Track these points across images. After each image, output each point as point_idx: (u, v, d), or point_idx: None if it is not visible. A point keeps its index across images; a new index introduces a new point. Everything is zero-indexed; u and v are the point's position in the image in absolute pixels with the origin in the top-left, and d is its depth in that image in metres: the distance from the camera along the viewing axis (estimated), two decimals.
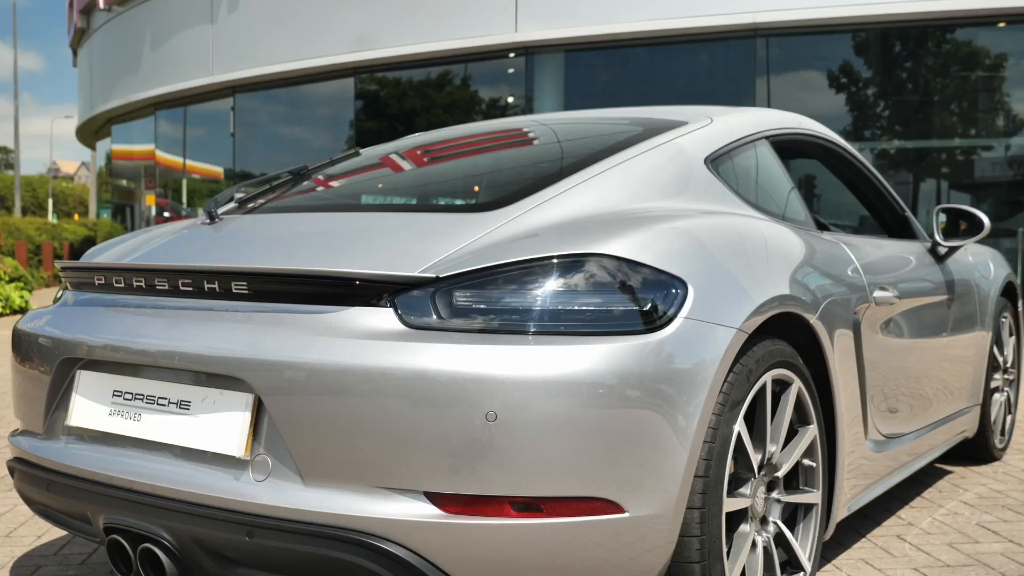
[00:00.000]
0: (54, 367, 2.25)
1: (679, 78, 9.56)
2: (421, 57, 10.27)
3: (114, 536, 2.05)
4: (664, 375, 1.89)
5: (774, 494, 2.32)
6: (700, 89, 9.56)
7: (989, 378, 4.05)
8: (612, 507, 1.83)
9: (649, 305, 1.94)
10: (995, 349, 4.14)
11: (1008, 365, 4.40)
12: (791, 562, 2.37)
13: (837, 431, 2.54)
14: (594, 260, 1.97)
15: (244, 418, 1.93)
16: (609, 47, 9.48)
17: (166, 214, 15.64)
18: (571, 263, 1.96)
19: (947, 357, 3.54)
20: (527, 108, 10.15)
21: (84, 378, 2.21)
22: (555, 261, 1.96)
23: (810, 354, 2.45)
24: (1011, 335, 4.44)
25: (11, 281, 13.14)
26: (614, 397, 1.83)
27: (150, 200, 16.67)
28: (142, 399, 2.09)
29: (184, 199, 15.12)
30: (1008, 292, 4.37)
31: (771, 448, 2.25)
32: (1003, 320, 4.27)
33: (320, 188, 2.92)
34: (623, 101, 9.87)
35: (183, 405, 2.02)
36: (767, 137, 2.96)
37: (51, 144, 74.19)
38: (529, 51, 9.72)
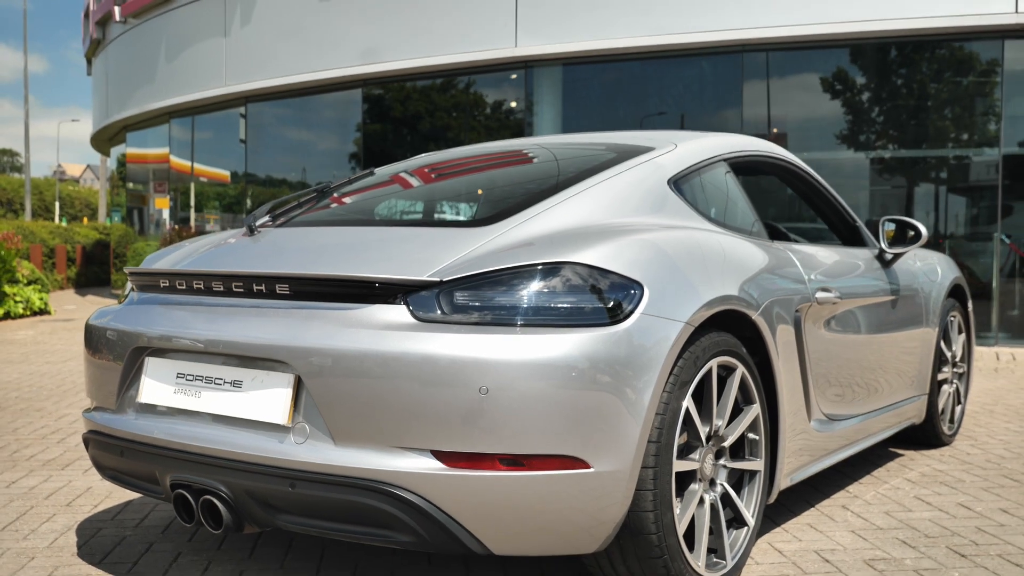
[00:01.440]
0: (126, 355, 2.72)
1: (670, 90, 10.01)
2: (426, 70, 10.71)
3: (179, 491, 2.52)
4: (624, 359, 2.36)
5: (721, 461, 2.78)
6: (690, 100, 10.03)
7: (936, 371, 4.50)
8: (580, 463, 2.30)
9: (613, 303, 2.41)
10: (942, 345, 4.59)
11: (957, 360, 4.85)
12: (737, 518, 2.83)
13: (779, 411, 3.00)
14: (569, 267, 2.43)
15: (287, 393, 2.40)
16: (604, 61, 9.92)
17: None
18: (551, 269, 2.42)
19: (891, 351, 4.00)
20: (528, 116, 10.59)
21: (151, 363, 2.68)
22: (538, 267, 2.42)
23: (755, 345, 2.91)
24: (960, 333, 4.89)
25: (28, 284, 13.62)
26: (583, 376, 2.30)
27: (160, 204, 17.13)
28: (201, 379, 2.56)
29: (192, 202, 15.56)
30: (956, 294, 4.82)
31: (717, 422, 2.71)
32: (951, 319, 4.72)
33: (341, 204, 3.39)
34: (617, 112, 10.33)
35: (236, 384, 2.50)
36: (725, 160, 3.42)
37: (57, 147, 74.68)
38: (528, 64, 10.17)
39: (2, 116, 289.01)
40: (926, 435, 4.59)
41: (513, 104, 10.81)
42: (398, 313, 2.36)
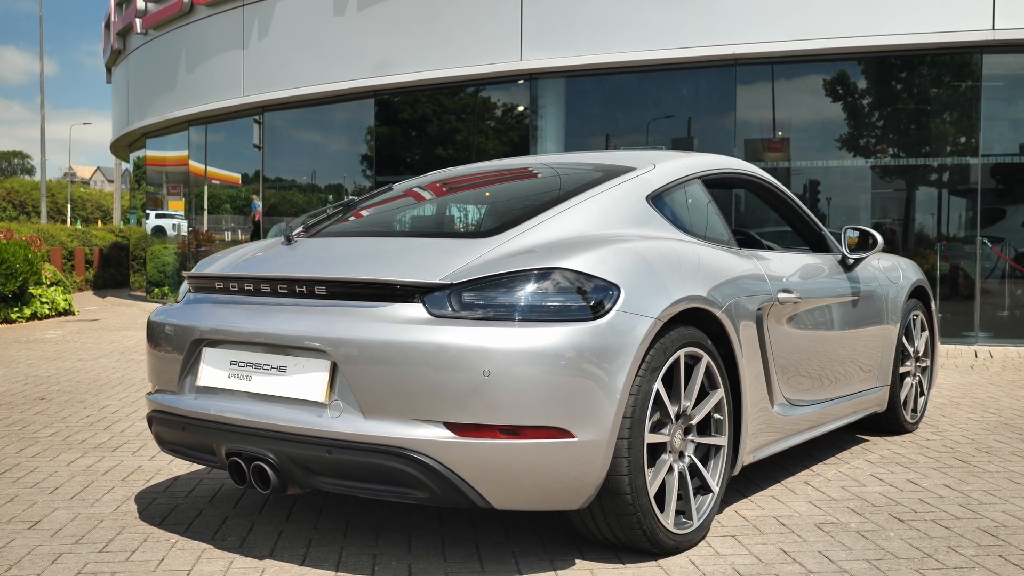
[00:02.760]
0: (186, 346, 3.23)
1: (666, 101, 10.51)
2: (435, 82, 11.22)
3: (234, 458, 3.02)
4: (603, 348, 2.85)
5: (689, 436, 3.26)
6: (685, 111, 10.53)
7: (898, 364, 4.98)
8: (566, 433, 2.78)
9: (595, 301, 2.90)
10: (904, 341, 5.07)
11: (920, 354, 5.33)
12: (703, 486, 3.32)
13: (742, 396, 3.48)
14: (559, 272, 2.92)
15: (324, 376, 2.89)
16: (604, 73, 10.41)
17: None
18: (543, 273, 2.91)
19: (852, 345, 4.48)
20: (534, 119, 11.07)
21: (208, 353, 3.19)
22: (533, 272, 2.91)
23: (721, 339, 3.40)
24: (923, 330, 5.36)
25: (51, 286, 14.17)
26: (569, 361, 2.78)
27: (174, 206, 17.66)
28: (252, 366, 3.06)
29: (206, 203, 16.04)
30: (919, 295, 5.30)
31: (685, 403, 3.20)
32: (913, 317, 5.20)
33: (365, 217, 3.89)
34: (617, 121, 10.85)
35: (281, 369, 3.00)
36: (699, 177, 3.91)
37: (69, 149, 75.50)
38: (533, 77, 10.69)
39: (12, 118, 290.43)
40: (889, 423, 5.06)
41: (521, 108, 11.28)
42: (416, 310, 2.86)
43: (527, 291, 2.87)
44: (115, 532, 3.37)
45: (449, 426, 2.76)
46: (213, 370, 3.16)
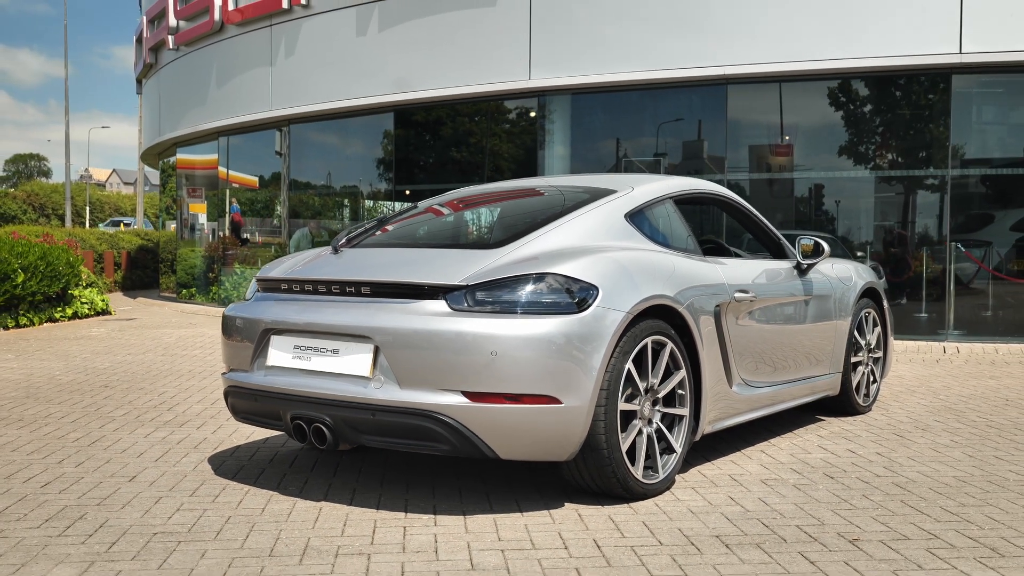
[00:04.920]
0: (257, 334, 4.08)
1: (663, 117, 11.36)
2: (450, 98, 12.11)
3: (297, 422, 3.87)
4: (585, 334, 3.67)
5: (656, 407, 4.09)
6: (680, 127, 11.38)
7: (850, 354, 5.79)
8: (555, 400, 3.61)
9: (579, 299, 3.72)
10: (856, 335, 5.89)
11: (872, 347, 6.14)
12: (669, 448, 4.14)
13: (702, 376, 4.30)
14: (551, 276, 3.75)
15: (369, 357, 3.73)
16: (606, 91, 11.25)
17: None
18: (539, 277, 3.74)
19: (804, 337, 5.28)
20: (541, 134, 11.91)
21: (275, 339, 4.04)
22: (532, 276, 3.74)
23: (684, 330, 4.22)
24: (876, 326, 6.18)
25: (86, 287, 15.08)
26: (558, 345, 3.61)
27: (195, 208, 18.54)
28: (311, 349, 3.91)
29: (227, 206, 16.86)
30: (872, 295, 6.11)
31: (652, 380, 4.02)
32: (866, 315, 6.01)
33: (397, 231, 4.74)
34: (618, 133, 11.72)
35: (334, 351, 3.84)
36: (671, 197, 4.74)
37: (88, 152, 76.91)
38: (541, 94, 11.56)
39: (27, 121, 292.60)
40: (843, 405, 5.88)
41: (532, 114, 12.09)
42: (440, 305, 3.70)
43: (526, 291, 3.70)
44: (198, 483, 4.22)
45: (466, 394, 3.59)
46: (279, 353, 4.01)
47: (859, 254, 10.70)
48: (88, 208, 62.51)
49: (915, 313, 10.49)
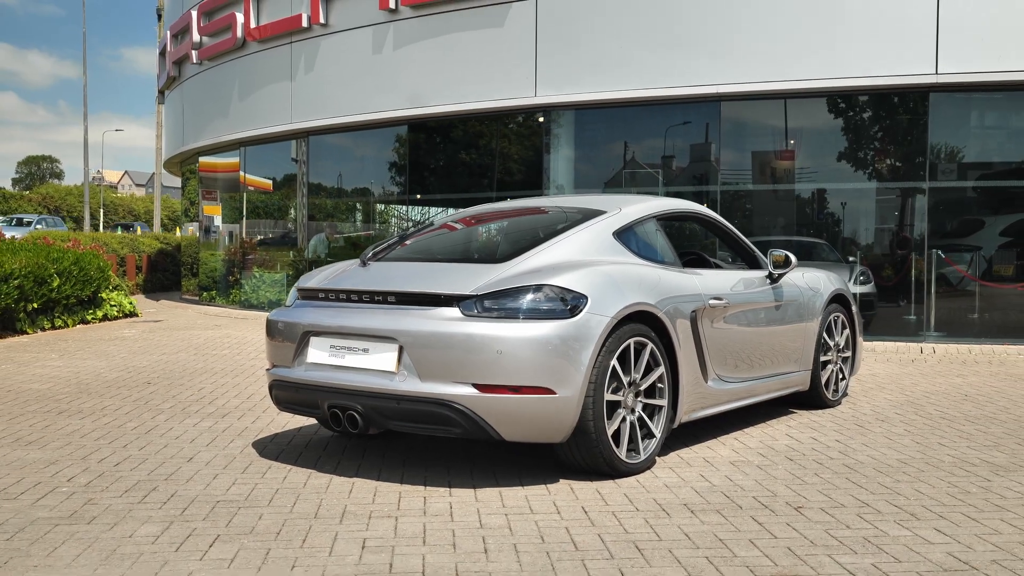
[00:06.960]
0: (298, 335, 4.79)
1: (660, 132, 12.10)
2: (461, 113, 12.85)
3: (333, 410, 4.58)
4: (576, 336, 4.37)
5: (639, 398, 4.78)
6: (675, 142, 12.11)
7: (819, 354, 6.48)
8: (550, 391, 4.30)
9: (571, 306, 4.42)
10: (825, 336, 6.57)
11: (841, 347, 6.82)
12: (649, 433, 4.84)
13: (679, 372, 4.99)
14: (548, 287, 4.45)
15: (394, 355, 4.44)
16: (607, 107, 11.97)
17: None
18: (538, 287, 4.44)
19: (775, 338, 5.97)
20: (547, 148, 12.62)
21: (314, 340, 4.75)
22: (532, 287, 4.44)
23: (663, 332, 4.91)
24: (845, 328, 6.86)
25: (112, 290, 15.82)
26: (553, 345, 4.30)
27: (209, 210, 19.24)
28: (346, 348, 4.62)
29: (244, 210, 17.52)
30: (841, 300, 6.79)
31: (635, 375, 4.71)
32: (835, 318, 6.69)
33: (416, 245, 5.44)
34: (618, 146, 12.44)
35: (365, 350, 4.55)
36: (655, 216, 5.44)
37: (102, 154, 77.90)
38: (546, 110, 12.28)
39: (36, 122, 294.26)
40: (813, 399, 6.56)
41: (540, 120, 12.78)
42: (454, 312, 4.40)
43: (527, 299, 4.40)
44: (247, 464, 4.94)
45: (476, 386, 4.29)
46: (317, 351, 4.72)
47: (850, 259, 11.39)
48: (102, 211, 63.18)
49: (900, 315, 11.16)
